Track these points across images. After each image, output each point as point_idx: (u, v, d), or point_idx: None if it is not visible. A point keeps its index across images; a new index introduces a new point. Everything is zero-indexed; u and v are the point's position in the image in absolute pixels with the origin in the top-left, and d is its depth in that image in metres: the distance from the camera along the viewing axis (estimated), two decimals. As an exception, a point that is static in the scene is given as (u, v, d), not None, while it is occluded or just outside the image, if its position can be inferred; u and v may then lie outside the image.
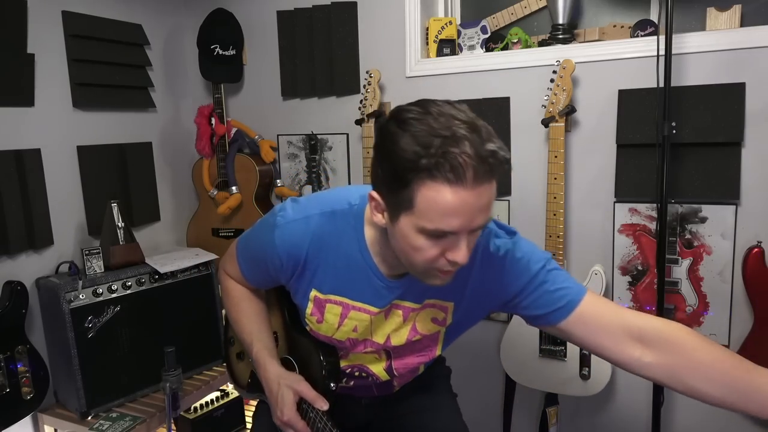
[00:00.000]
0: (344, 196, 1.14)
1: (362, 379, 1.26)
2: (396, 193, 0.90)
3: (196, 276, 2.15)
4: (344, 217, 1.11)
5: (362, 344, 1.19)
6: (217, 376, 2.15)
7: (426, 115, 0.88)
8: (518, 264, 1.08)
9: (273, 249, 1.13)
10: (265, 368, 1.20)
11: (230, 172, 2.34)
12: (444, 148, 0.84)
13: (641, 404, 1.89)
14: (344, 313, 1.15)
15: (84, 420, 1.86)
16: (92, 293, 1.87)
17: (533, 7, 2.06)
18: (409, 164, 0.86)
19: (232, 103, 2.52)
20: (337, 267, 1.12)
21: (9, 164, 1.85)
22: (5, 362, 1.74)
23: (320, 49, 2.24)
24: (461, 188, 0.85)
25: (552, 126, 1.76)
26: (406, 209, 0.90)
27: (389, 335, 1.17)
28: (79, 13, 2.07)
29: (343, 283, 1.13)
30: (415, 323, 1.16)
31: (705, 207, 1.74)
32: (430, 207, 0.87)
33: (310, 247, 1.11)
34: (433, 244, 0.92)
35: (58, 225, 2.02)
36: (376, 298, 1.12)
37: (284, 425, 1.15)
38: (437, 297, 1.13)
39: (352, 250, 1.10)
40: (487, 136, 0.87)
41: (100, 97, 2.16)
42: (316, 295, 1.15)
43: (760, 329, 1.64)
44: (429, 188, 0.86)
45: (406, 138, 0.87)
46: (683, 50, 1.68)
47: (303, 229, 1.11)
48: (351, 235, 1.10)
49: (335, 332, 1.18)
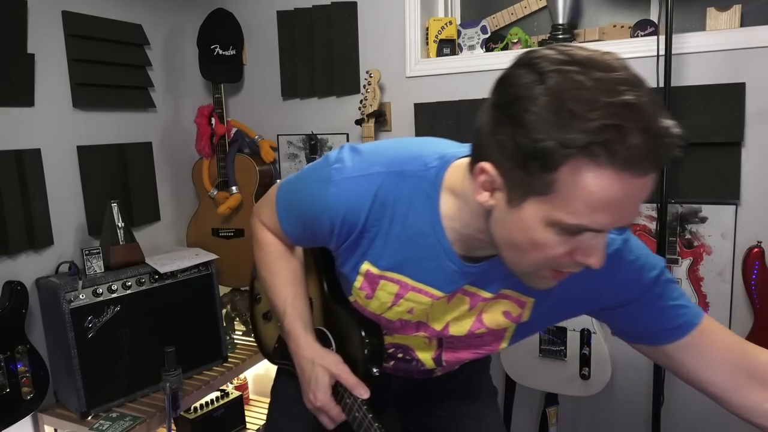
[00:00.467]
0: (419, 154, 0.92)
1: (404, 362, 1.11)
2: (529, 171, 0.68)
3: (196, 276, 2.15)
4: (417, 181, 0.89)
5: (414, 327, 1.03)
6: (217, 376, 2.15)
7: (572, 65, 0.66)
8: (630, 268, 0.87)
9: (325, 209, 0.93)
10: (298, 342, 1.05)
11: (230, 172, 2.34)
12: (612, 120, 0.62)
13: (641, 404, 1.89)
14: (401, 292, 0.97)
15: (84, 420, 1.86)
16: (92, 293, 1.87)
17: (533, 7, 2.06)
18: (558, 137, 0.64)
19: (232, 103, 2.52)
20: (400, 240, 0.92)
21: (9, 164, 1.84)
22: (5, 362, 1.74)
23: (320, 49, 2.24)
24: (629, 176, 0.64)
25: (552, 126, 1.76)
26: (539, 194, 0.69)
27: (449, 323, 1.00)
28: (79, 13, 2.07)
29: (405, 260, 0.93)
30: (482, 314, 0.98)
31: (705, 207, 1.74)
32: (579, 196, 0.66)
33: (371, 212, 0.91)
34: (563, 242, 0.72)
35: (58, 225, 2.02)
36: (443, 282, 0.93)
37: (317, 410, 1.04)
38: (517, 289, 0.94)
39: (422, 223, 0.89)
40: (659, 107, 0.66)
41: (100, 97, 2.16)
42: (369, 270, 0.96)
43: (760, 329, 1.64)
44: (585, 173, 0.65)
45: (554, 100, 0.65)
46: (683, 50, 1.68)
47: (364, 189, 0.90)
48: (423, 204, 0.89)
49: (386, 311, 1.01)
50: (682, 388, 1.85)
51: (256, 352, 2.34)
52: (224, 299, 2.47)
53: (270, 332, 1.29)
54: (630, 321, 0.92)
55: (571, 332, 1.82)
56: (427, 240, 0.90)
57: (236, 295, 2.51)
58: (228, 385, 2.33)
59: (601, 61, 0.67)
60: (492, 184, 0.74)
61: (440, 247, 0.90)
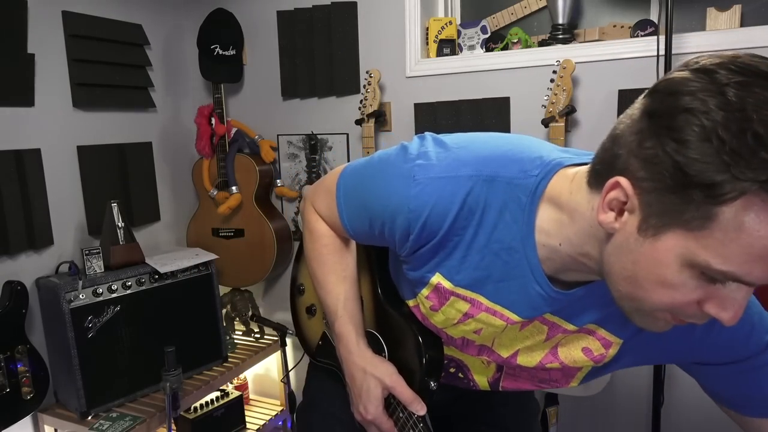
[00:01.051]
0: (517, 157, 0.79)
1: (456, 378, 1.01)
2: (685, 200, 0.56)
3: (196, 276, 2.15)
4: (512, 189, 0.77)
5: (476, 349, 0.93)
6: (217, 376, 2.15)
7: (763, 80, 0.55)
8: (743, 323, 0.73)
9: (404, 210, 0.80)
10: (349, 348, 0.96)
11: (230, 172, 2.34)
12: None
13: (641, 404, 1.89)
14: (471, 312, 0.85)
15: (84, 420, 1.86)
16: (92, 293, 1.87)
17: (533, 7, 2.06)
18: (730, 168, 0.53)
19: (232, 103, 2.52)
20: (483, 253, 0.80)
21: (9, 164, 1.84)
22: (5, 362, 1.74)
23: (320, 49, 2.24)
24: None
25: (552, 126, 1.76)
26: (688, 228, 0.57)
27: (518, 351, 0.89)
28: (79, 13, 2.07)
29: (484, 277, 0.82)
30: (557, 347, 0.86)
31: (705, 207, 1.74)
32: (740, 240, 0.55)
33: (457, 219, 0.79)
34: (698, 287, 0.60)
35: (58, 225, 2.02)
36: (523, 306, 0.82)
37: (367, 423, 0.96)
38: (607, 327, 0.83)
39: (511, 236, 0.78)
40: None
41: (100, 97, 2.16)
42: (441, 283, 0.85)
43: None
44: (757, 213, 0.53)
45: (734, 118, 0.53)
46: (683, 50, 1.68)
47: (452, 194, 0.78)
48: (515, 216, 0.77)
49: (449, 327, 0.90)
50: (682, 388, 1.85)
51: (256, 352, 2.34)
52: (224, 299, 2.47)
53: (313, 328, 1.20)
54: (728, 383, 0.82)
55: (571, 332, 1.82)
56: (514, 256, 0.78)
57: (236, 295, 2.51)
58: (228, 385, 2.33)
59: None
60: (625, 203, 0.62)
61: (528, 265, 0.78)
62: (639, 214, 0.61)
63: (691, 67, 0.59)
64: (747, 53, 0.58)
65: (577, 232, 0.71)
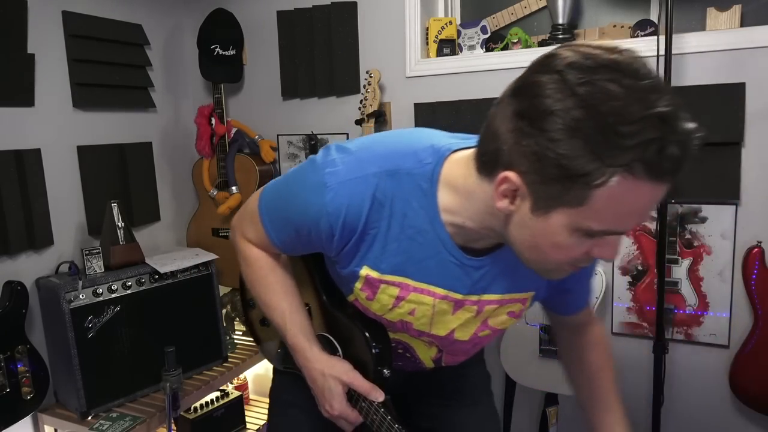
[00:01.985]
0: (411, 150, 0.90)
1: (404, 358, 1.13)
2: (564, 187, 0.68)
3: (196, 276, 2.15)
4: (412, 179, 0.88)
5: (417, 332, 1.04)
6: (217, 376, 2.15)
7: (606, 74, 0.65)
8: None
9: (324, 215, 0.89)
10: (305, 356, 1.04)
11: (230, 172, 2.34)
12: (651, 135, 0.63)
13: (641, 404, 1.89)
14: (402, 295, 0.96)
15: (84, 420, 1.86)
16: (92, 293, 1.87)
17: (533, 7, 2.06)
18: (599, 156, 0.64)
19: (232, 103, 2.52)
20: (399, 240, 0.91)
21: (9, 164, 1.84)
22: (5, 362, 1.74)
23: (320, 49, 2.24)
24: (661, 184, 0.67)
25: (552, 126, 1.76)
26: (568, 206, 0.70)
27: (454, 330, 1.01)
28: (79, 13, 2.07)
29: (405, 261, 0.92)
30: (488, 319, 1.01)
31: (705, 207, 1.74)
32: (612, 207, 0.68)
33: (370, 213, 0.89)
34: (584, 243, 0.75)
35: (58, 225, 2.02)
36: (444, 278, 0.93)
37: (335, 418, 1.05)
38: (520, 290, 0.99)
39: (421, 220, 0.89)
40: (681, 107, 0.66)
41: (100, 97, 2.16)
42: (369, 274, 0.95)
43: (760, 329, 1.64)
44: (623, 187, 0.66)
45: (589, 114, 0.64)
46: (683, 50, 1.68)
47: (361, 192, 0.87)
48: (420, 202, 0.88)
49: (386, 312, 1.00)
50: (682, 388, 1.85)
51: (256, 352, 2.34)
52: (224, 299, 2.47)
53: (270, 337, 1.28)
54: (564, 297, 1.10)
55: (571, 332, 1.83)
56: (427, 237, 0.90)
57: (236, 295, 2.50)
58: (228, 385, 2.33)
59: (627, 65, 0.67)
60: (515, 192, 0.74)
61: (440, 242, 0.89)
62: (530, 199, 0.74)
63: (545, 67, 0.69)
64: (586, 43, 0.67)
65: (477, 212, 0.84)
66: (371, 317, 1.04)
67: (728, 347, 1.76)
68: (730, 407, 1.79)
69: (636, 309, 1.87)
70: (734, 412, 1.79)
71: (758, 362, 1.65)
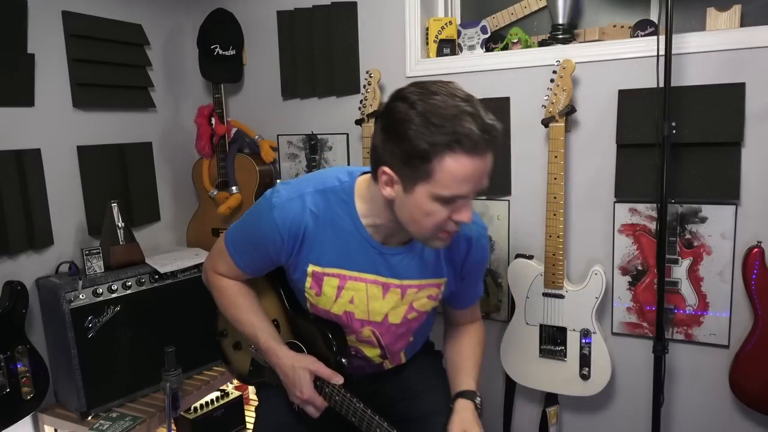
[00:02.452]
0: (332, 175, 1.26)
1: (357, 359, 1.39)
2: (413, 167, 1.03)
3: (196, 276, 2.15)
4: (336, 193, 1.23)
5: (359, 323, 1.32)
6: (217, 376, 2.15)
7: (430, 95, 1.02)
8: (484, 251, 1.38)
9: (274, 228, 1.22)
10: (277, 354, 1.30)
11: (230, 172, 2.34)
12: (457, 124, 0.99)
13: (641, 404, 1.89)
14: (341, 284, 1.27)
15: (84, 420, 1.86)
16: (92, 293, 1.87)
17: (533, 7, 2.06)
18: (429, 141, 1.00)
19: (232, 103, 2.52)
20: (333, 240, 1.23)
21: (9, 164, 1.85)
22: (5, 362, 1.74)
23: (320, 49, 2.24)
24: (475, 157, 1.02)
25: (552, 126, 1.76)
26: (423, 180, 1.04)
27: (387, 314, 1.31)
28: (79, 13, 2.07)
29: (339, 255, 1.25)
30: (413, 302, 1.32)
31: (705, 207, 1.74)
32: (448, 176, 1.02)
33: (308, 222, 1.22)
34: (443, 208, 1.07)
35: (58, 225, 2.02)
36: (370, 265, 1.26)
37: (304, 403, 1.27)
38: (434, 276, 1.31)
39: (347, 224, 1.22)
40: (484, 111, 1.04)
41: (100, 97, 2.16)
42: (314, 270, 1.26)
43: (760, 329, 1.64)
44: (448, 160, 1.01)
45: (420, 118, 1.01)
46: (683, 50, 1.68)
47: (300, 206, 1.22)
48: (344, 209, 1.23)
49: (333, 305, 1.29)
50: (682, 388, 1.85)
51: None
52: (224, 299, 2.47)
53: (242, 359, 1.50)
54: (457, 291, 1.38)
55: (571, 332, 1.82)
56: (353, 236, 1.23)
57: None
58: (228, 385, 2.33)
59: (447, 90, 1.04)
60: (391, 180, 1.09)
61: (362, 238, 1.24)
62: (400, 183, 1.08)
63: (396, 97, 1.07)
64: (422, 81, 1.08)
65: (380, 209, 1.19)
66: (323, 316, 1.32)
67: (728, 347, 1.76)
68: (730, 407, 1.79)
69: (636, 309, 1.87)
70: (734, 412, 1.79)
71: (758, 362, 1.65)
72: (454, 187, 1.03)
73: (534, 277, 1.86)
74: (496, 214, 2.03)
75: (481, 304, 1.51)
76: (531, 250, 1.96)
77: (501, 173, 1.99)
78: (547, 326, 1.86)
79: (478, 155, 1.01)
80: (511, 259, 1.98)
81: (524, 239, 2.00)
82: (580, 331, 1.81)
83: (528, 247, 1.97)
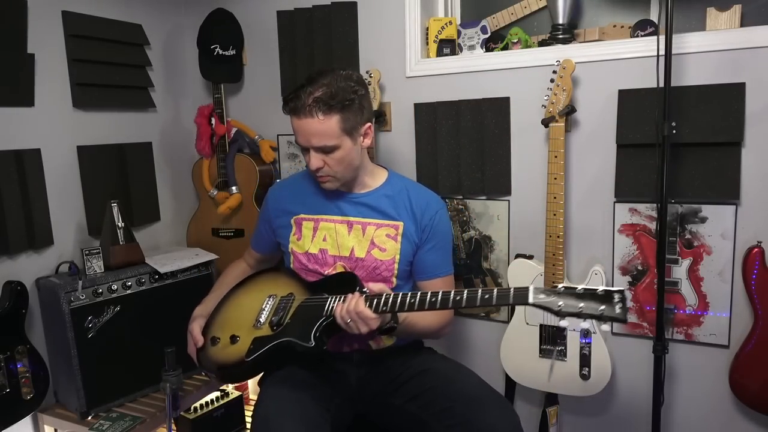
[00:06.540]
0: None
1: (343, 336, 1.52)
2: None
3: (196, 276, 2.15)
4: (305, 172, 1.73)
5: (332, 259, 1.60)
6: (217, 376, 2.15)
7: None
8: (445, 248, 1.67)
9: (266, 205, 1.77)
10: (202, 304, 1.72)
11: (230, 172, 2.34)
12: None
13: (641, 404, 1.89)
14: (316, 226, 1.64)
15: (84, 420, 1.86)
16: (92, 293, 1.87)
17: (533, 7, 2.06)
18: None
19: (232, 103, 2.52)
20: (310, 195, 1.68)
21: (9, 164, 1.85)
22: (5, 362, 1.74)
23: (320, 49, 2.24)
24: (297, 118, 1.46)
25: (552, 126, 1.76)
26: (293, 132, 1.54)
27: (353, 248, 1.60)
28: (79, 13, 2.07)
29: (310, 205, 1.66)
30: (373, 239, 1.59)
31: (705, 207, 1.74)
32: (294, 130, 1.50)
33: (289, 189, 1.74)
34: (305, 155, 1.53)
35: (58, 225, 2.02)
36: (338, 208, 1.63)
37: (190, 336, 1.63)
38: (391, 219, 1.60)
39: (314, 184, 1.65)
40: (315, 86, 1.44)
41: (100, 97, 2.16)
42: (297, 218, 1.67)
43: (760, 329, 1.64)
44: (291, 118, 1.49)
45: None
46: (683, 50, 1.68)
47: (280, 184, 1.80)
48: (310, 178, 1.68)
49: (311, 245, 1.63)
50: (682, 388, 1.85)
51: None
52: (224, 299, 2.47)
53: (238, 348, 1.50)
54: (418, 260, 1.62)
55: (571, 332, 1.82)
56: (326, 192, 1.62)
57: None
58: (228, 385, 2.33)
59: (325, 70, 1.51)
60: None
61: (332, 192, 1.62)
62: None
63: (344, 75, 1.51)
64: None
65: None
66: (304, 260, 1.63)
67: (728, 347, 1.76)
68: (730, 407, 1.79)
69: (636, 309, 1.87)
70: (734, 412, 1.79)
71: (758, 362, 1.65)
72: (298, 139, 1.50)
73: (534, 277, 1.86)
74: (496, 214, 2.03)
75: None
76: (531, 250, 1.96)
77: (501, 173, 1.99)
78: (547, 326, 1.86)
79: (299, 117, 1.45)
80: (511, 259, 1.98)
81: (524, 239, 2.00)
82: (580, 331, 1.81)
83: (528, 247, 1.97)
